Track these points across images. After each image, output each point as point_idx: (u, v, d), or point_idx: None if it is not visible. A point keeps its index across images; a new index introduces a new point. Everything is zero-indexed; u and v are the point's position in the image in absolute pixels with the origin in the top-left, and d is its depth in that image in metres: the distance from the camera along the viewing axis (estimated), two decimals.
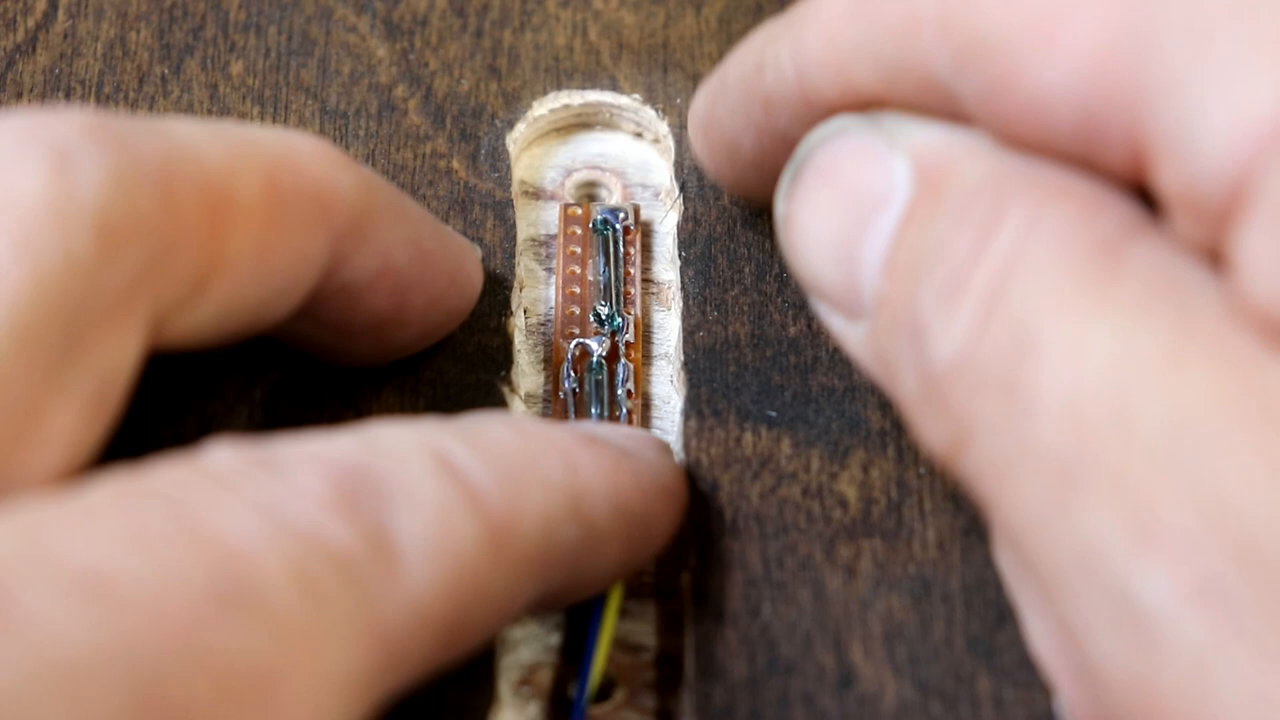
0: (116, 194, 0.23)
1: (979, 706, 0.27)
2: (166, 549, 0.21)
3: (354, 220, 0.26)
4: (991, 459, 0.23)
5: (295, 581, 0.21)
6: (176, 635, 0.20)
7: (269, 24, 0.34)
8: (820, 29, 0.26)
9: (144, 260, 0.23)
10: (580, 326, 0.32)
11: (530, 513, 0.24)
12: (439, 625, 0.23)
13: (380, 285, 0.27)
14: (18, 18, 0.34)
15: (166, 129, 0.25)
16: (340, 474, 0.23)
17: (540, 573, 0.25)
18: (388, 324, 0.28)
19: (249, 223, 0.25)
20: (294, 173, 0.26)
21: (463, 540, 0.23)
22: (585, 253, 0.32)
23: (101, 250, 0.23)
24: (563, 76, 0.34)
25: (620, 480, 0.26)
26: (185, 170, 0.24)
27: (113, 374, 0.24)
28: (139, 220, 0.23)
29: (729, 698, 0.27)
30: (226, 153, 0.25)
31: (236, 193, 0.25)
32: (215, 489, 0.22)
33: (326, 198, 0.26)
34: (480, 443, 0.25)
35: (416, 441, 0.24)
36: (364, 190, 0.27)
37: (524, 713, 0.28)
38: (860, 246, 0.25)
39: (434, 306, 0.29)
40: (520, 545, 0.24)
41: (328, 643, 0.22)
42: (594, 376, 0.31)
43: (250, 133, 0.26)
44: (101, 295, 0.23)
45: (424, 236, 0.28)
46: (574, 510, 0.25)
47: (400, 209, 0.28)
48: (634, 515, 0.26)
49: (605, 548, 0.26)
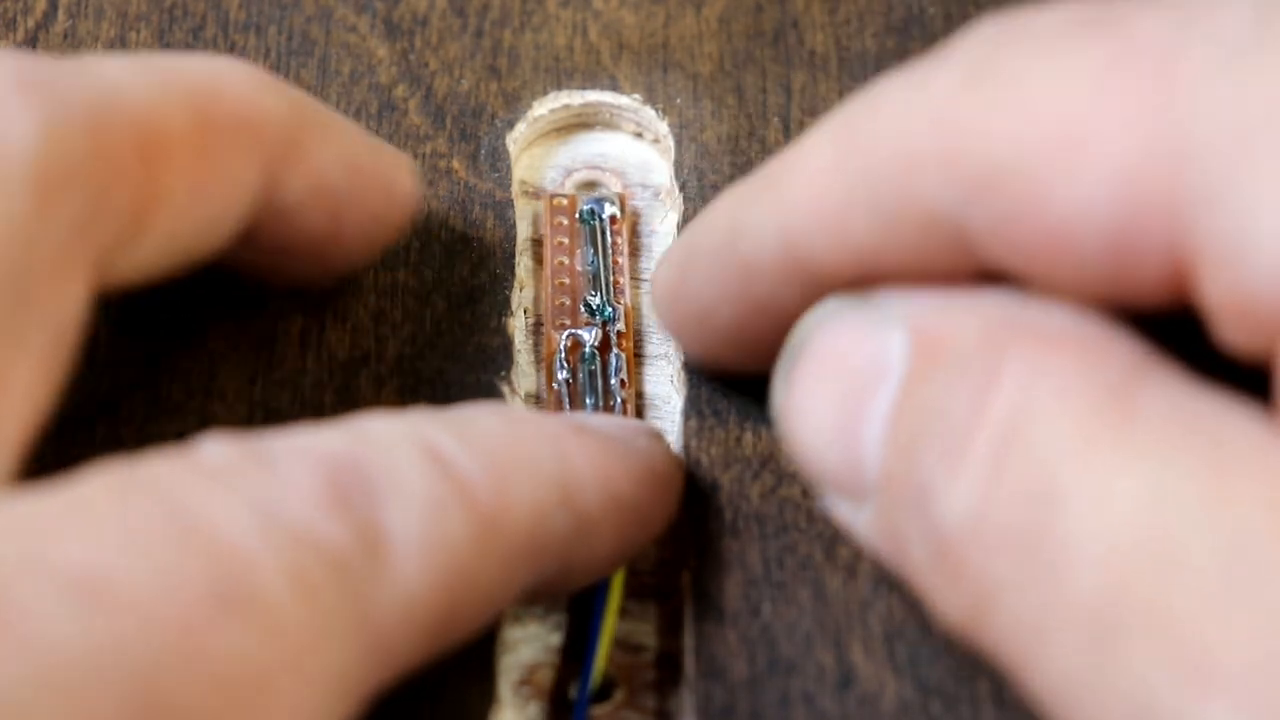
0: (48, 145, 0.23)
1: (979, 706, 0.27)
2: (163, 549, 0.21)
3: (285, 142, 0.26)
4: (1017, 622, 0.21)
5: (289, 581, 0.21)
6: (173, 637, 0.20)
7: (269, 24, 0.34)
8: (805, 184, 0.25)
9: (81, 207, 0.23)
10: (571, 317, 0.32)
11: (519, 502, 0.24)
12: (430, 619, 0.23)
13: (316, 205, 0.27)
14: (18, 18, 0.34)
15: (91, 69, 0.25)
16: (331, 469, 0.23)
17: (531, 562, 0.25)
18: (326, 242, 0.28)
19: (181, 155, 0.25)
20: (221, 100, 0.25)
21: (453, 533, 0.23)
22: (573, 243, 0.32)
23: (39, 204, 0.23)
24: (563, 76, 0.34)
25: (610, 467, 0.26)
26: (114, 111, 0.24)
27: (64, 324, 0.23)
28: (73, 168, 0.23)
29: (729, 698, 0.27)
30: (152, 87, 0.25)
31: (166, 127, 0.24)
32: (209, 486, 0.22)
33: (255, 122, 0.26)
34: (468, 433, 0.25)
35: (405, 434, 0.24)
36: (293, 111, 0.27)
37: (524, 713, 0.28)
38: (860, 425, 0.24)
39: (371, 223, 0.28)
40: (510, 535, 0.24)
41: (321, 642, 0.22)
42: (587, 367, 0.31)
43: (175, 63, 0.26)
44: (44, 247, 0.23)
45: (356, 153, 0.28)
46: (564, 498, 0.25)
47: (330, 126, 0.28)
48: (626, 502, 0.26)
49: (597, 535, 0.26)
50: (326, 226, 0.28)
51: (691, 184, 0.33)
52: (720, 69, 0.34)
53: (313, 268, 0.29)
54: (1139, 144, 0.21)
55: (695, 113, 0.33)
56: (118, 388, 0.29)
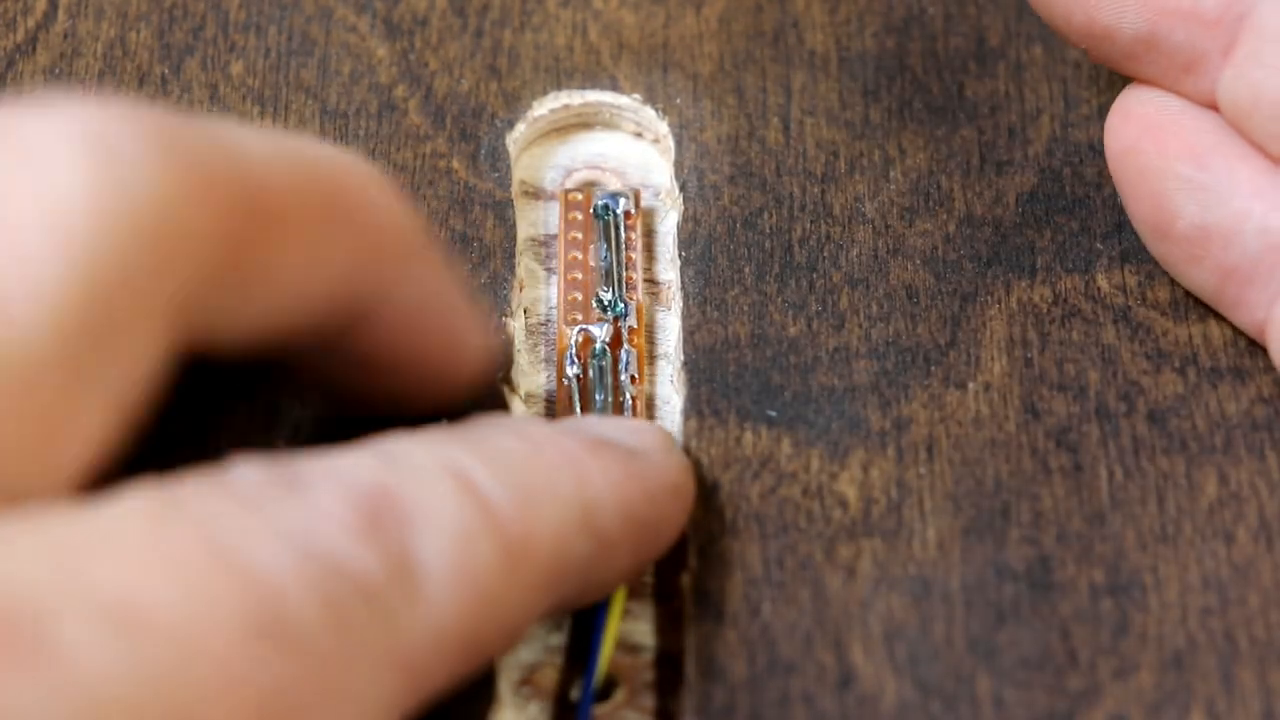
0: (163, 199, 0.23)
1: (979, 706, 0.27)
2: (199, 579, 0.21)
3: (398, 254, 0.26)
4: None
5: (324, 611, 0.22)
6: (211, 669, 0.20)
7: (269, 24, 0.34)
8: None
9: (185, 267, 0.23)
10: (583, 313, 0.32)
11: (544, 530, 0.25)
12: (459, 646, 0.23)
13: (401, 328, 0.27)
14: (18, 18, 0.34)
15: (220, 133, 0.24)
16: (363, 498, 0.23)
17: (554, 586, 0.25)
18: (392, 372, 0.27)
19: (297, 235, 0.24)
20: (349, 193, 0.25)
21: (482, 562, 0.23)
22: (586, 239, 0.32)
23: (144, 255, 0.23)
24: (563, 76, 0.34)
25: (630, 490, 0.26)
26: (236, 177, 0.24)
27: (141, 376, 0.23)
28: (184, 227, 0.23)
29: (729, 698, 0.27)
30: (282, 161, 0.25)
31: (287, 203, 0.24)
32: (243, 513, 0.22)
33: (377, 225, 0.26)
34: (493, 458, 0.25)
35: (435, 459, 0.24)
36: (411, 228, 0.26)
37: (524, 713, 0.28)
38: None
39: (435, 371, 0.28)
40: (535, 562, 0.24)
41: (355, 671, 0.22)
42: (597, 363, 0.31)
43: (308, 145, 0.26)
44: (140, 299, 0.23)
45: (451, 293, 0.28)
46: (585, 524, 0.25)
47: (437, 258, 0.27)
48: (643, 523, 0.26)
49: (615, 557, 0.26)
50: (403, 355, 0.27)
51: (691, 184, 0.33)
52: (720, 69, 0.34)
53: (364, 392, 0.28)
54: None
55: (695, 113, 0.33)
56: None
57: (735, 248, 0.32)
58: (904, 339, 0.31)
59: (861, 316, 0.31)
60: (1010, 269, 0.32)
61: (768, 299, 0.31)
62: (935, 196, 0.32)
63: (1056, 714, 0.27)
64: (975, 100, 0.34)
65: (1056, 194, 0.33)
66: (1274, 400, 0.30)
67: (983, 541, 0.28)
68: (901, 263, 0.32)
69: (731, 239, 0.32)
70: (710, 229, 0.32)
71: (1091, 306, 0.31)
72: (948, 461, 0.29)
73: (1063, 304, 0.31)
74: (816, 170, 0.33)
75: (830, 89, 0.34)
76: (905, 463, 0.29)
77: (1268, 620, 0.28)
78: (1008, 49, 0.34)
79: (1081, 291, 0.31)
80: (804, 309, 0.31)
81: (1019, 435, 0.30)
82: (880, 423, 0.30)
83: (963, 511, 0.29)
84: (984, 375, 0.30)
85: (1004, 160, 0.33)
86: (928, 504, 0.29)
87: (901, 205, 0.32)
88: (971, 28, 0.35)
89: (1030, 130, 0.33)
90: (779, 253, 0.32)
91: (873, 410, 0.30)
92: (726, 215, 0.32)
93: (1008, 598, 0.28)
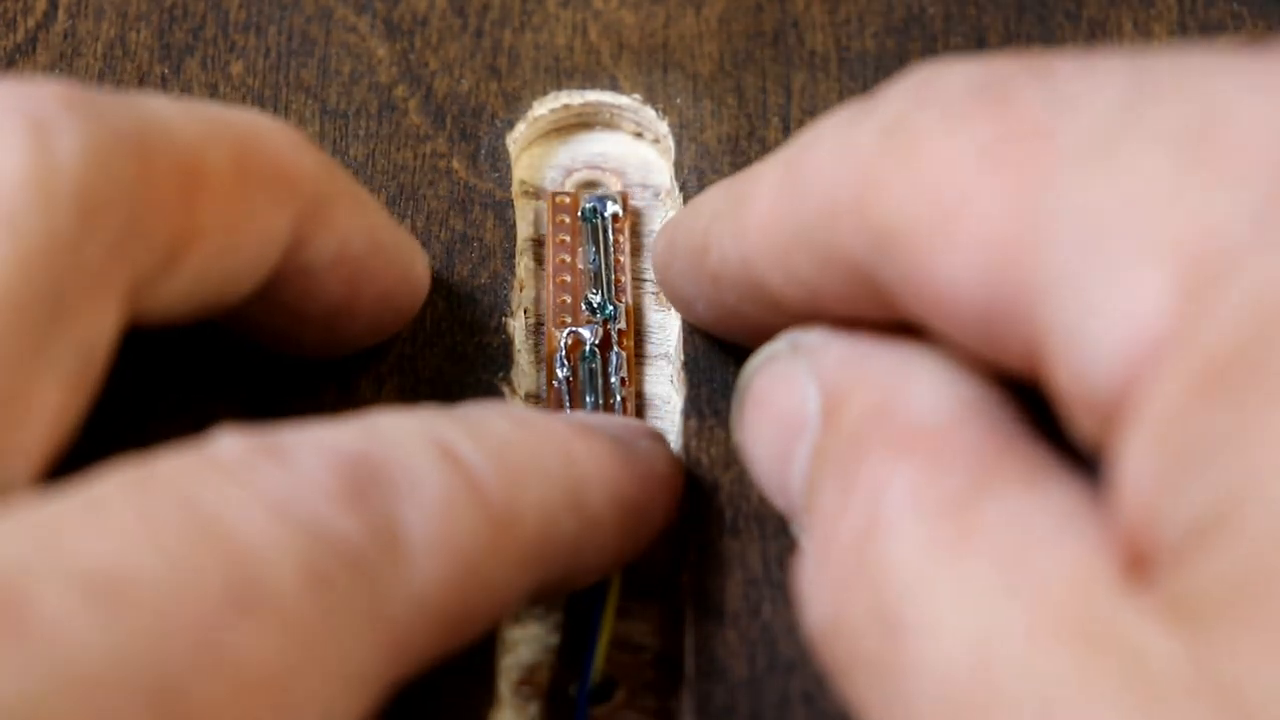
0: (95, 165, 0.23)
1: None
2: (180, 548, 0.21)
3: (316, 202, 0.27)
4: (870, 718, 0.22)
5: (307, 579, 0.21)
6: (192, 637, 0.20)
7: (269, 24, 0.34)
8: (757, 218, 0.26)
9: (121, 231, 0.23)
10: (572, 315, 0.32)
11: (530, 504, 0.24)
12: (443, 616, 0.23)
13: (336, 271, 0.27)
14: (18, 18, 0.34)
15: (139, 102, 0.25)
16: (347, 465, 0.23)
17: (539, 564, 0.25)
18: (339, 313, 0.28)
19: (219, 195, 0.25)
20: (261, 149, 0.26)
21: (467, 532, 0.23)
22: (575, 242, 0.32)
23: (82, 223, 0.23)
24: (563, 76, 0.34)
25: (616, 471, 0.26)
26: (159, 142, 0.24)
27: (94, 347, 0.24)
28: (117, 191, 0.23)
29: (729, 698, 0.27)
30: (197, 127, 0.25)
31: (207, 165, 0.25)
32: (225, 482, 0.22)
33: (291, 176, 0.26)
34: (481, 434, 0.25)
35: (420, 431, 0.24)
36: (326, 174, 0.27)
37: (524, 713, 0.28)
38: (789, 475, 0.25)
39: (384, 300, 0.29)
40: (520, 536, 0.24)
41: (338, 640, 0.22)
42: (587, 365, 0.31)
43: (218, 109, 0.26)
44: (82, 268, 0.23)
45: (380, 228, 0.28)
46: (572, 501, 0.25)
47: (359, 198, 0.28)
48: (630, 505, 0.26)
49: (602, 538, 0.26)
50: (343, 295, 0.28)
51: (691, 184, 0.33)
52: (720, 69, 0.34)
53: (321, 338, 0.29)
54: (1004, 226, 0.22)
55: (695, 113, 0.33)
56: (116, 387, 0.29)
57: None
58: None
59: None
60: None
61: None
62: None
63: None
64: None
65: None
66: None
67: None
68: None
69: None
70: None
71: None
72: None
73: None
74: None
75: (830, 89, 0.34)
76: None
77: None
78: (1007, 49, 0.34)
79: None
80: None
81: None
82: None
83: None
84: None
85: None
86: None
87: None
88: (971, 28, 0.35)
89: None
90: None
91: None
92: None
93: None
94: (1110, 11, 0.35)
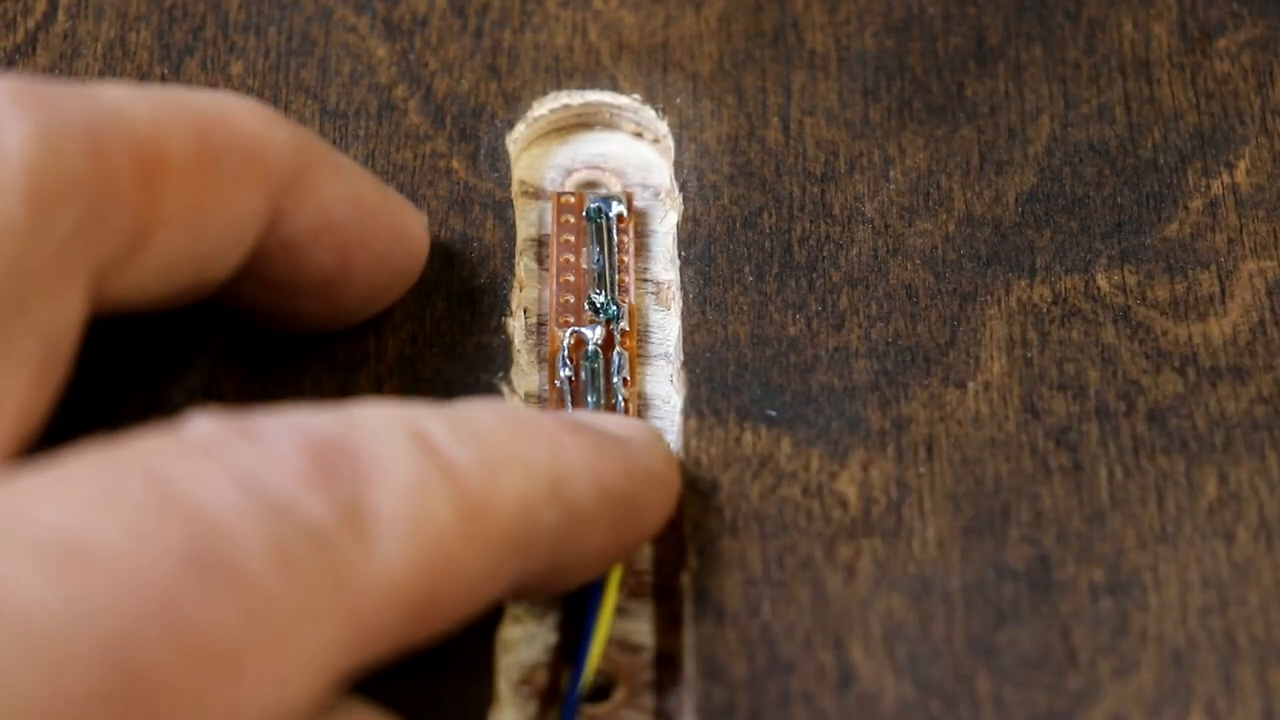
0: (43, 154, 0.23)
1: (979, 706, 0.27)
2: (142, 516, 0.21)
3: (290, 175, 0.27)
4: None
5: (270, 554, 0.21)
6: (151, 604, 0.20)
7: (269, 24, 0.34)
8: None
9: (78, 220, 0.23)
10: (575, 315, 0.32)
11: (508, 492, 0.24)
12: (410, 602, 0.23)
13: (322, 241, 0.27)
14: (18, 18, 0.34)
15: (94, 91, 0.25)
16: (317, 445, 0.23)
17: (518, 555, 0.25)
18: (333, 283, 0.28)
19: (182, 178, 0.25)
20: (226, 129, 0.26)
21: (438, 517, 0.23)
22: (579, 242, 0.32)
23: (34, 213, 0.23)
24: (563, 76, 0.34)
25: (604, 464, 0.26)
26: (113, 129, 0.24)
27: (57, 337, 0.24)
28: (69, 180, 0.23)
29: (729, 698, 0.27)
30: (154, 110, 0.25)
31: (168, 149, 0.25)
32: (193, 456, 0.22)
33: (260, 152, 0.26)
34: (460, 423, 0.25)
35: (395, 418, 0.24)
36: (299, 145, 0.27)
37: (524, 712, 0.28)
38: None
39: (379, 264, 0.29)
40: (497, 525, 0.24)
41: (299, 617, 0.22)
42: (590, 365, 0.31)
43: (179, 93, 0.26)
44: (38, 258, 0.23)
45: (363, 192, 0.28)
46: (554, 492, 0.25)
47: (337, 164, 0.28)
48: (618, 498, 0.26)
49: (588, 531, 0.26)
50: (334, 264, 0.28)
51: (691, 184, 0.33)
52: (720, 69, 0.34)
53: (322, 309, 0.29)
54: None
55: (695, 113, 0.33)
56: (116, 389, 0.29)
57: (735, 248, 0.32)
58: (903, 339, 0.31)
59: (861, 316, 0.31)
60: (1010, 269, 0.32)
61: (767, 299, 0.31)
62: (935, 196, 0.32)
63: (1056, 713, 0.27)
64: (975, 100, 0.34)
65: (1056, 194, 0.33)
66: (1274, 400, 0.30)
67: (982, 541, 0.28)
68: (901, 262, 0.32)
69: (731, 239, 0.32)
70: (710, 229, 0.32)
71: (1091, 306, 0.31)
72: (947, 461, 0.29)
73: (1062, 304, 0.31)
74: (816, 170, 0.33)
75: (830, 89, 0.34)
76: (905, 462, 0.29)
77: (1267, 620, 0.28)
78: (1007, 49, 0.34)
79: (1081, 291, 0.31)
80: (804, 309, 0.31)
81: (1019, 435, 0.30)
82: (880, 422, 0.30)
83: (962, 511, 0.29)
84: (984, 375, 0.30)
85: (1004, 160, 0.33)
86: (927, 503, 0.29)
87: (901, 205, 0.32)
88: (971, 28, 0.35)
89: (1030, 130, 0.33)
90: (779, 253, 0.32)
91: (872, 410, 0.30)
92: (726, 215, 0.32)
93: (1007, 597, 0.28)
94: (1110, 11, 0.35)
